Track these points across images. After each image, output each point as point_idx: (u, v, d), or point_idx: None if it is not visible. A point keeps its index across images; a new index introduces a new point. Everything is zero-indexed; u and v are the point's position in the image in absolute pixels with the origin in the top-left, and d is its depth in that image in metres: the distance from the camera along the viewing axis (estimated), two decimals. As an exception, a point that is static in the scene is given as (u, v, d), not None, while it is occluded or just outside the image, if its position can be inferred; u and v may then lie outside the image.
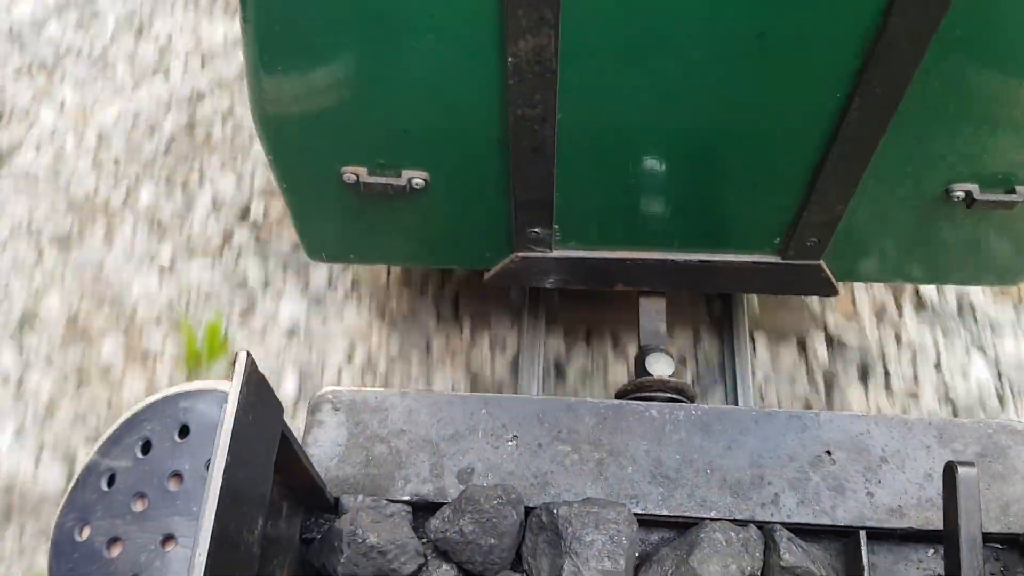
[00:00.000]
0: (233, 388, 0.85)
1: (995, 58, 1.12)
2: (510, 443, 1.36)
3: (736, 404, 1.86)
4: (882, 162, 1.27)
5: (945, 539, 1.13)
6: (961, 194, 1.32)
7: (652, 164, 1.31)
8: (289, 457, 1.07)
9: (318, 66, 1.20)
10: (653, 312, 1.63)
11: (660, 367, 1.54)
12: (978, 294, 2.19)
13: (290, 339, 2.17)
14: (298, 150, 1.35)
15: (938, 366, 2.09)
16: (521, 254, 1.51)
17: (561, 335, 2.09)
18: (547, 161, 1.29)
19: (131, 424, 1.36)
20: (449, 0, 1.09)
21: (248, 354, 0.88)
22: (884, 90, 1.14)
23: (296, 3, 1.11)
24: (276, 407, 0.98)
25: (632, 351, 2.05)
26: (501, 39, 1.11)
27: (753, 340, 2.03)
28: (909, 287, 2.18)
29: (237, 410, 0.85)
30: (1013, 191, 1.32)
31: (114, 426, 1.38)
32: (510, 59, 1.12)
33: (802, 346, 2.09)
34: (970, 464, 1.12)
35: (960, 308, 2.17)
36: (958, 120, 1.21)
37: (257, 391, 0.91)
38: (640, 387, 1.52)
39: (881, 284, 2.16)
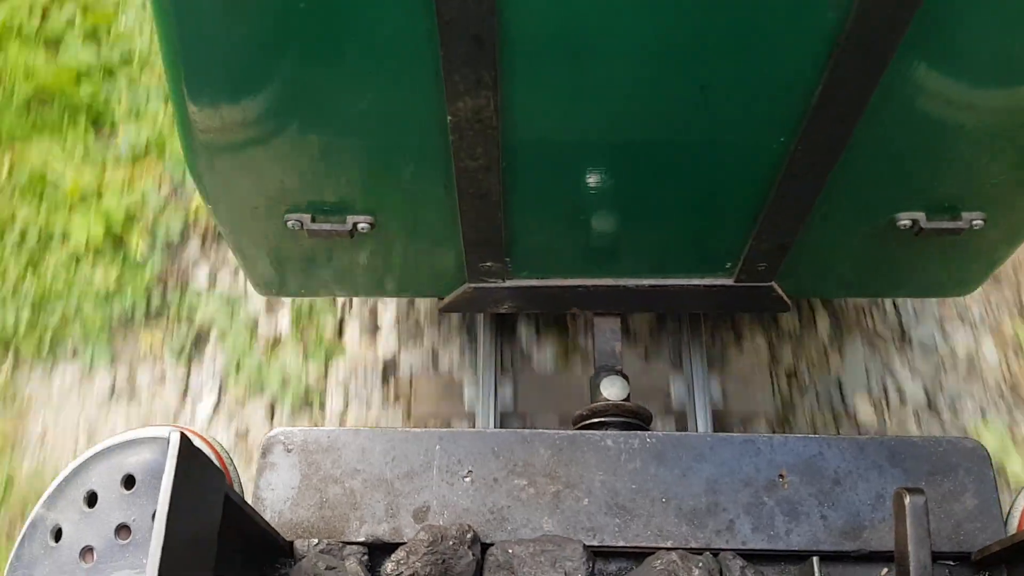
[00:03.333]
0: (167, 473, 0.83)
1: (937, 98, 1.13)
2: (466, 479, 1.35)
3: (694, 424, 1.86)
4: (830, 194, 1.28)
5: (896, 565, 1.14)
6: (908, 222, 1.33)
7: (601, 199, 1.30)
8: (237, 515, 1.05)
9: (249, 117, 1.16)
10: (608, 332, 1.62)
11: (615, 391, 1.53)
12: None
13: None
14: (238, 199, 1.32)
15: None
16: (474, 285, 1.50)
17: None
18: (493, 205, 1.29)
19: (75, 476, 1.33)
20: (391, 64, 1.07)
21: (181, 434, 0.86)
22: (828, 134, 1.14)
23: (231, 44, 1.07)
24: (217, 475, 0.96)
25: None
26: (442, 97, 1.09)
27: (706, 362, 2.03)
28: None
29: (172, 491, 0.83)
30: (959, 217, 1.33)
31: (59, 479, 1.34)
32: (450, 118, 1.11)
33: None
34: (919, 491, 1.13)
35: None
36: (903, 155, 1.22)
37: (194, 467, 0.89)
38: (595, 412, 1.51)
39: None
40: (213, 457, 1.36)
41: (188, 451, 0.87)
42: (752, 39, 1.03)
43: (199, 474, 0.91)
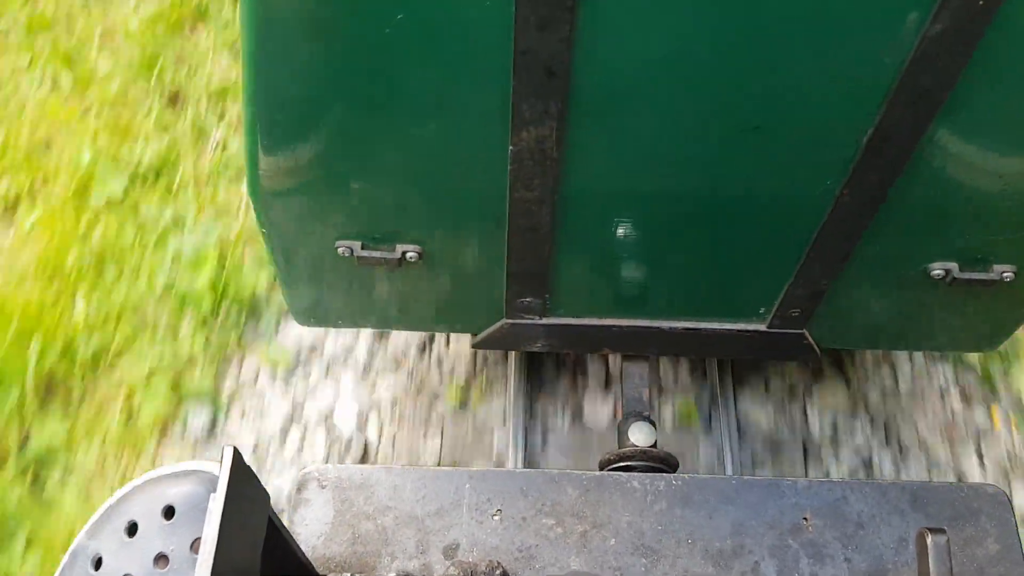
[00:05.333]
0: (220, 484, 0.87)
1: (977, 153, 1.19)
2: (495, 517, 1.38)
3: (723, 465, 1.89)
4: (870, 240, 1.33)
5: (921, 605, 1.15)
6: (941, 272, 1.38)
7: (647, 241, 1.36)
8: (277, 542, 1.09)
9: (317, 146, 1.24)
10: (636, 378, 1.66)
11: (642, 437, 1.56)
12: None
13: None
14: (293, 224, 1.38)
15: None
16: (511, 320, 1.54)
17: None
18: (543, 239, 1.34)
19: (117, 507, 1.37)
20: (462, 95, 1.14)
21: (234, 448, 0.90)
22: (873, 182, 1.20)
23: (299, 86, 1.15)
24: (263, 496, 1.00)
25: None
26: (506, 127, 1.15)
27: (736, 403, 2.06)
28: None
29: (224, 503, 0.87)
30: (991, 269, 1.38)
31: (101, 509, 1.38)
32: (512, 147, 1.17)
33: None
34: (941, 531, 1.15)
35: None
36: (942, 205, 1.27)
37: (243, 483, 0.93)
38: (622, 457, 1.54)
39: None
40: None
41: (240, 466, 0.91)
42: (809, 86, 1.09)
43: (249, 491, 0.95)
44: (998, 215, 1.28)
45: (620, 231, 1.34)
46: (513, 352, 1.98)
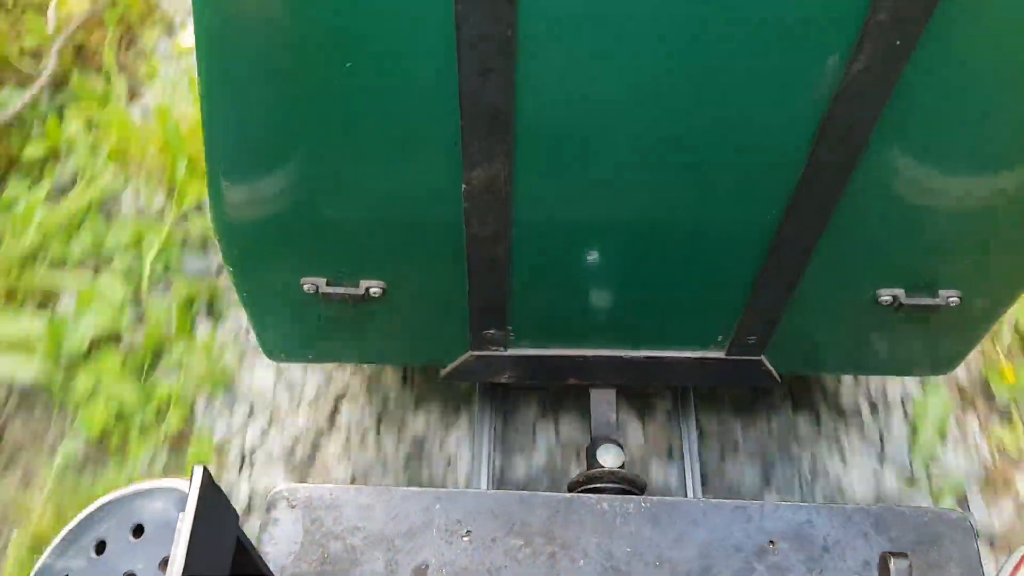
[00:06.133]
0: (188, 504, 0.88)
1: (911, 182, 1.22)
2: (464, 538, 1.39)
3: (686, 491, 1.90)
4: (815, 269, 1.36)
5: (882, 629, 1.17)
6: (889, 298, 1.41)
7: (602, 272, 1.38)
8: (245, 561, 1.09)
9: (277, 187, 1.25)
10: (604, 404, 1.68)
11: (610, 459, 1.58)
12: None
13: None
14: (258, 262, 1.39)
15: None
16: (476, 352, 1.56)
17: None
18: (501, 272, 1.36)
19: (85, 524, 1.37)
20: (416, 138, 1.16)
21: (203, 467, 0.91)
22: (811, 213, 1.24)
23: (256, 130, 1.17)
24: (231, 515, 1.01)
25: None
26: (459, 167, 1.18)
27: (700, 427, 2.08)
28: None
29: (193, 523, 0.87)
30: (936, 295, 1.41)
31: (68, 527, 1.38)
32: (465, 186, 1.20)
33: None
34: (903, 555, 1.17)
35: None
36: (882, 233, 1.31)
37: (212, 502, 0.93)
38: (591, 479, 1.56)
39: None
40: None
41: (209, 485, 0.92)
42: (743, 122, 1.13)
43: (217, 510, 0.95)
44: (938, 242, 1.32)
45: (575, 263, 1.37)
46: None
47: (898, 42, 1.00)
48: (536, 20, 1.00)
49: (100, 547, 1.34)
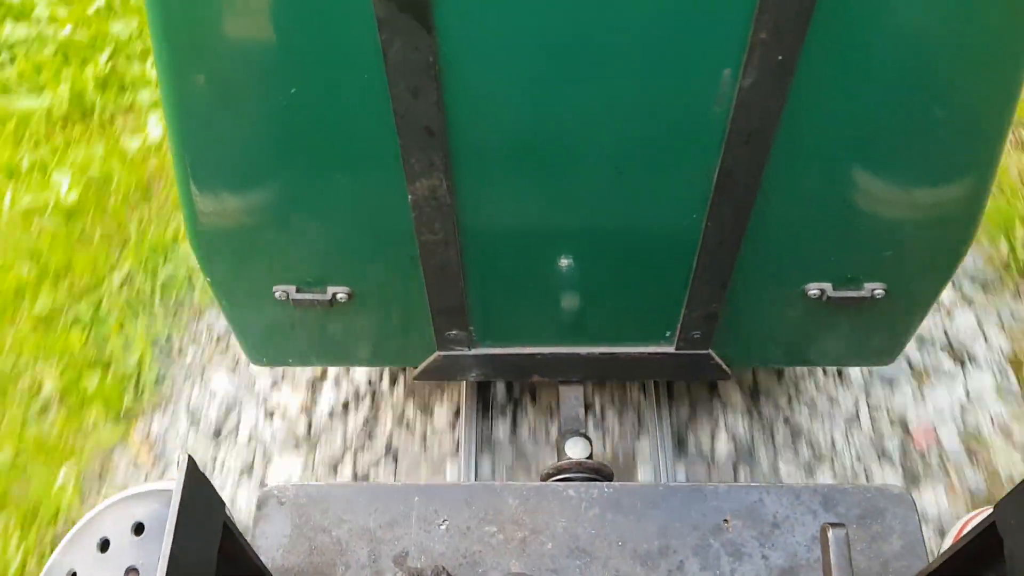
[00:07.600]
0: (176, 489, 0.99)
1: (815, 182, 1.33)
2: (441, 527, 1.50)
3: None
4: (744, 267, 1.47)
5: (822, 593, 1.28)
6: (817, 292, 1.52)
7: (550, 273, 1.49)
8: (233, 546, 1.20)
9: (244, 199, 1.36)
10: (572, 399, 1.79)
11: (577, 450, 1.69)
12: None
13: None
14: (232, 271, 1.51)
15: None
16: (443, 353, 1.67)
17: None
18: (454, 276, 1.47)
19: (90, 525, 1.48)
20: (362, 153, 1.28)
21: (189, 457, 1.02)
22: (730, 213, 1.35)
23: (219, 146, 1.28)
24: (217, 502, 1.12)
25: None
26: (403, 179, 1.29)
27: (671, 414, 2.16)
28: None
29: (180, 506, 0.99)
30: (862, 288, 1.52)
31: (74, 528, 1.49)
32: (410, 196, 1.31)
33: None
34: (841, 525, 1.27)
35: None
36: (801, 229, 1.42)
37: (198, 489, 1.04)
38: (560, 470, 1.67)
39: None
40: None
41: (195, 473, 1.03)
42: (657, 132, 1.25)
43: (203, 497, 1.06)
44: (857, 237, 1.42)
45: (524, 266, 1.48)
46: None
47: (780, 57, 1.11)
48: (455, 45, 1.12)
49: (104, 545, 1.45)
